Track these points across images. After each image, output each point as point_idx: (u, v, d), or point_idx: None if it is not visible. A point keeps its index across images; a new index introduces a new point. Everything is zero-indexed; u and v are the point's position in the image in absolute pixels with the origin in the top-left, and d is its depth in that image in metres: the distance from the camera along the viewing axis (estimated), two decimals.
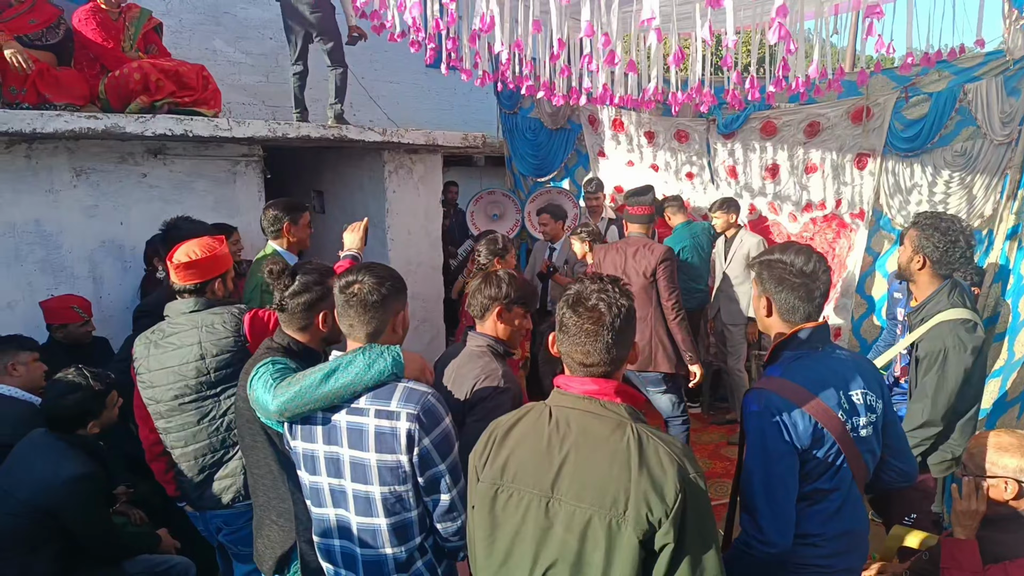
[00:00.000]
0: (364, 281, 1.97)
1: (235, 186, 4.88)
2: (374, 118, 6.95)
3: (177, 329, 2.66)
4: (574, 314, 1.60)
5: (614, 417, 1.57)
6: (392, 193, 5.60)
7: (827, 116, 5.41)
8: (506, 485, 1.62)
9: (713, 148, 6.08)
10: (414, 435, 1.84)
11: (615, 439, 1.53)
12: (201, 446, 2.66)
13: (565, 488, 1.54)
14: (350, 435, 1.89)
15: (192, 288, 2.71)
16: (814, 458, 1.93)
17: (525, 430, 1.65)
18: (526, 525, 1.58)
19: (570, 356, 1.62)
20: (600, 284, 1.63)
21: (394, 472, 1.87)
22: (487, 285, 2.56)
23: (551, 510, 1.55)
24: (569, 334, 1.60)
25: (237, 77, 6.94)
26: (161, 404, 2.65)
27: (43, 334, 3.80)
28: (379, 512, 1.90)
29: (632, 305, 1.63)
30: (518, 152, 7.15)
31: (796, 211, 5.80)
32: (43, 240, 4.19)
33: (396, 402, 1.86)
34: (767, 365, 2.12)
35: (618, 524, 1.47)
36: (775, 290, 2.06)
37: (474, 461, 1.72)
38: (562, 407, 1.63)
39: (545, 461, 1.57)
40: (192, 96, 4.45)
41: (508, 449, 1.64)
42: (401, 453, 1.85)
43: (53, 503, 2.62)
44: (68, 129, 3.88)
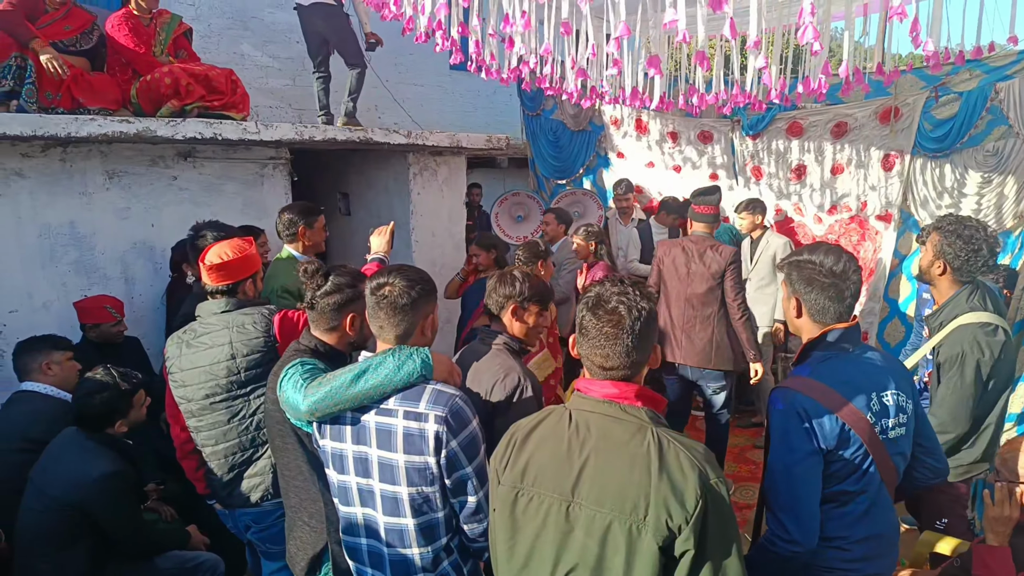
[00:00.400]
0: (395, 283, 1.99)
1: (263, 188, 4.95)
2: (399, 120, 6.99)
3: (208, 329, 2.70)
4: (594, 317, 1.59)
5: (634, 421, 1.56)
6: (416, 195, 5.64)
7: (855, 116, 5.34)
8: (526, 488, 1.61)
9: (738, 149, 6.03)
10: (442, 437, 1.85)
11: (635, 443, 1.53)
12: (231, 445, 2.69)
13: (585, 492, 1.53)
14: (379, 435, 1.91)
15: (224, 289, 2.75)
16: (840, 459, 1.91)
17: (545, 433, 1.65)
18: (546, 528, 1.58)
19: (590, 359, 1.61)
20: (620, 287, 1.62)
21: (422, 473, 1.88)
22: (502, 284, 2.57)
23: (571, 514, 1.54)
24: (589, 337, 1.59)
25: (264, 81, 7.02)
26: (192, 403, 2.69)
27: (77, 334, 3.88)
28: (407, 512, 1.91)
29: (653, 308, 1.62)
30: (541, 154, 7.15)
31: (822, 213, 5.73)
32: (77, 242, 4.28)
33: (424, 404, 1.87)
34: (795, 365, 2.11)
35: (638, 529, 1.47)
36: (804, 291, 2.04)
37: (495, 464, 1.72)
38: (582, 411, 1.62)
39: (565, 465, 1.57)
40: (221, 100, 4.51)
41: (528, 452, 1.64)
42: (429, 455, 1.86)
43: (84, 500, 2.68)
44: (101, 133, 3.96)
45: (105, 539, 2.77)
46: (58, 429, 2.92)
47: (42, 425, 3.05)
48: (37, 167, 4.12)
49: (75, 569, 2.71)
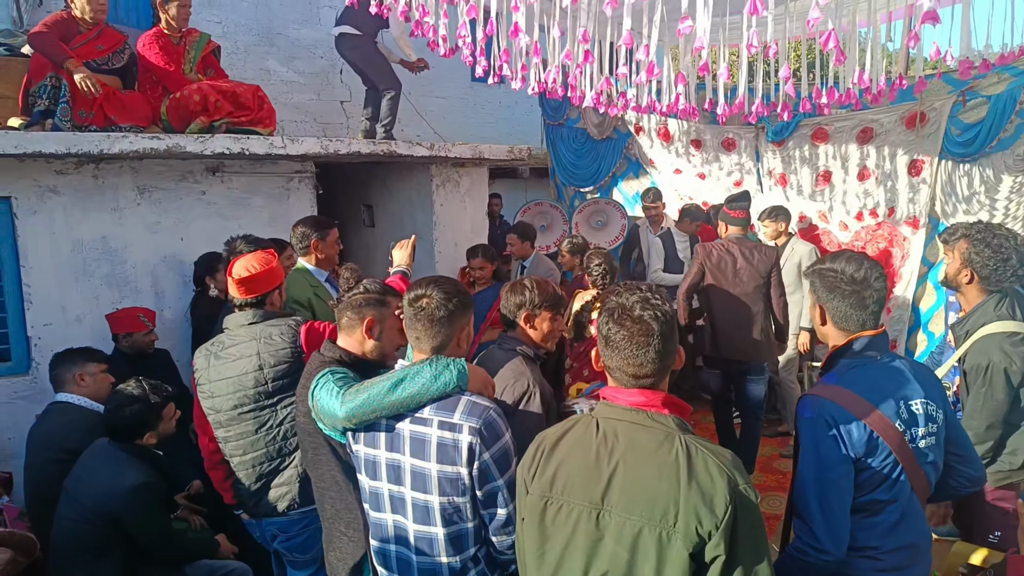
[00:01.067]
0: (432, 296, 2.03)
1: (289, 202, 5.02)
2: (421, 133, 7.05)
3: (236, 341, 2.75)
4: (621, 328, 1.60)
5: (662, 429, 1.57)
6: (439, 206, 5.68)
7: (880, 122, 5.30)
8: (555, 497, 1.62)
9: (762, 156, 6.00)
10: (475, 449, 1.86)
11: (663, 451, 1.53)
12: (258, 455, 2.73)
13: (615, 500, 1.54)
14: (412, 444, 1.93)
15: (252, 301, 2.80)
16: (869, 468, 1.89)
17: (573, 442, 1.66)
18: (576, 537, 1.58)
19: (620, 369, 1.62)
20: (640, 294, 1.64)
21: (454, 483, 1.89)
22: (513, 293, 2.61)
23: (601, 522, 1.55)
24: (618, 348, 1.60)
25: (290, 96, 7.13)
26: (221, 413, 2.73)
27: (109, 346, 3.96)
28: (437, 521, 1.93)
29: (674, 312, 1.64)
30: (563, 163, 7.17)
31: (848, 219, 5.67)
32: (109, 255, 4.38)
33: (459, 415, 1.89)
34: (823, 373, 2.09)
35: (668, 536, 1.47)
36: (827, 298, 2.04)
37: (522, 474, 1.73)
38: (609, 419, 1.63)
39: (594, 473, 1.58)
40: (248, 116, 4.60)
41: (556, 461, 1.65)
42: (462, 465, 1.87)
43: (116, 510, 2.73)
44: (133, 149, 4.06)
45: (137, 548, 2.82)
46: (92, 439, 2.98)
47: (77, 435, 3.11)
48: (71, 183, 4.22)
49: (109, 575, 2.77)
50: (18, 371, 4.16)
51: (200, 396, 2.81)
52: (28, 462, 3.25)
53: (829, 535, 1.84)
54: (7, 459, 3.96)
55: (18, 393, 4.11)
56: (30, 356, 4.17)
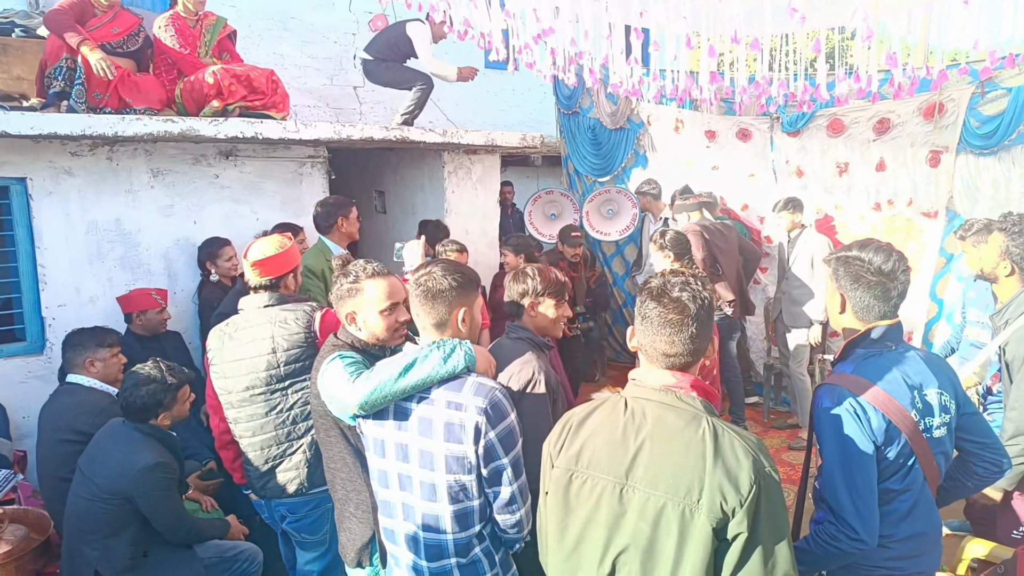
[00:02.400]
0: (433, 272, 2.06)
1: (301, 186, 5.03)
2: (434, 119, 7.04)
3: (251, 323, 2.76)
4: (659, 305, 1.62)
5: (690, 410, 1.59)
6: (451, 193, 5.67)
7: (898, 113, 5.23)
8: (580, 471, 1.65)
9: (777, 146, 5.95)
10: (481, 428, 1.89)
11: (690, 430, 1.55)
12: (267, 437, 2.75)
13: (640, 475, 1.56)
14: (420, 424, 1.95)
15: (267, 284, 2.82)
16: (885, 457, 1.89)
17: (601, 419, 1.68)
18: (599, 511, 1.60)
19: (653, 346, 1.64)
20: (682, 277, 1.66)
21: (460, 462, 1.92)
22: (515, 281, 2.62)
23: (625, 496, 1.57)
24: (653, 325, 1.62)
25: (303, 80, 7.13)
26: (233, 395, 2.76)
27: (122, 328, 3.99)
28: (443, 499, 1.95)
29: (712, 298, 1.66)
30: (577, 152, 7.13)
31: (865, 211, 5.62)
32: (123, 238, 4.40)
33: (466, 395, 1.92)
34: (837, 362, 2.08)
35: (691, 512, 1.49)
36: (850, 288, 2.02)
37: (548, 449, 1.76)
38: (638, 398, 1.65)
39: (620, 449, 1.60)
40: (262, 100, 4.59)
41: (583, 437, 1.68)
42: (468, 444, 1.90)
43: (128, 489, 2.76)
44: (147, 132, 4.07)
45: (149, 527, 2.85)
46: (103, 421, 3.02)
47: (87, 417, 3.15)
48: (85, 165, 4.25)
49: (120, 555, 2.80)
50: (33, 351, 4.20)
51: (213, 376, 2.83)
52: (40, 442, 3.30)
53: (862, 523, 1.85)
54: (22, 438, 4.01)
55: (33, 373, 4.15)
56: (45, 336, 4.21)
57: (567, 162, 7.29)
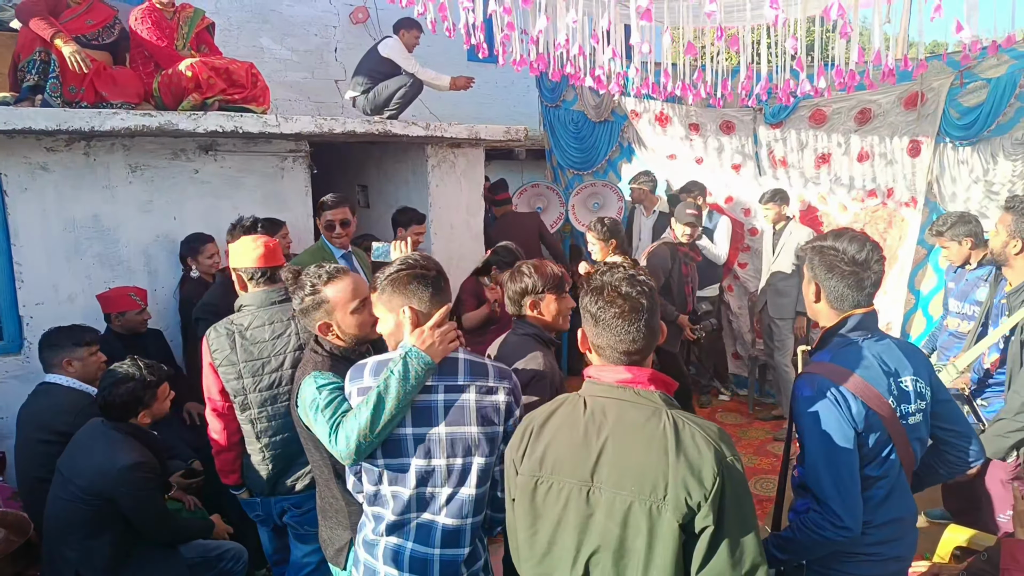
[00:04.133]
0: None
1: (283, 181, 4.97)
2: (417, 113, 6.98)
3: (270, 319, 2.71)
4: (611, 305, 1.60)
5: (649, 404, 1.59)
6: (435, 187, 5.64)
7: (879, 103, 5.26)
8: (545, 476, 1.64)
9: (761, 139, 5.97)
10: (511, 407, 2.00)
11: (651, 426, 1.55)
12: (289, 436, 2.68)
13: (605, 476, 1.55)
14: (452, 413, 1.97)
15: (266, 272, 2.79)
16: (865, 444, 1.91)
17: (561, 421, 1.67)
18: (567, 514, 1.60)
19: (611, 347, 1.62)
20: (623, 271, 1.65)
21: (492, 442, 1.99)
22: (513, 281, 2.60)
23: (592, 498, 1.57)
24: (608, 326, 1.60)
25: (284, 74, 7.04)
26: (252, 395, 2.68)
27: (102, 326, 3.94)
28: (472, 482, 1.99)
29: (655, 287, 1.66)
30: (560, 145, 7.11)
31: (847, 201, 5.65)
32: (101, 235, 4.33)
33: (493, 379, 2.01)
34: (815, 351, 2.09)
35: (658, 509, 1.49)
36: (824, 277, 2.03)
37: (511, 455, 1.75)
38: (596, 397, 1.64)
39: (583, 450, 1.59)
40: (242, 93, 4.54)
41: (545, 441, 1.67)
42: (500, 424, 1.99)
43: (109, 489, 2.72)
44: (124, 127, 4.00)
45: (130, 528, 2.81)
46: (82, 421, 2.97)
47: (66, 416, 3.10)
48: (62, 161, 4.17)
49: (101, 556, 2.76)
50: (10, 351, 4.13)
51: (224, 377, 2.72)
52: (18, 443, 3.24)
53: (846, 509, 1.86)
54: (0, 439, 3.94)
55: (10, 373, 4.08)
56: (22, 336, 4.14)
57: (550, 155, 7.28)
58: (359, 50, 6.02)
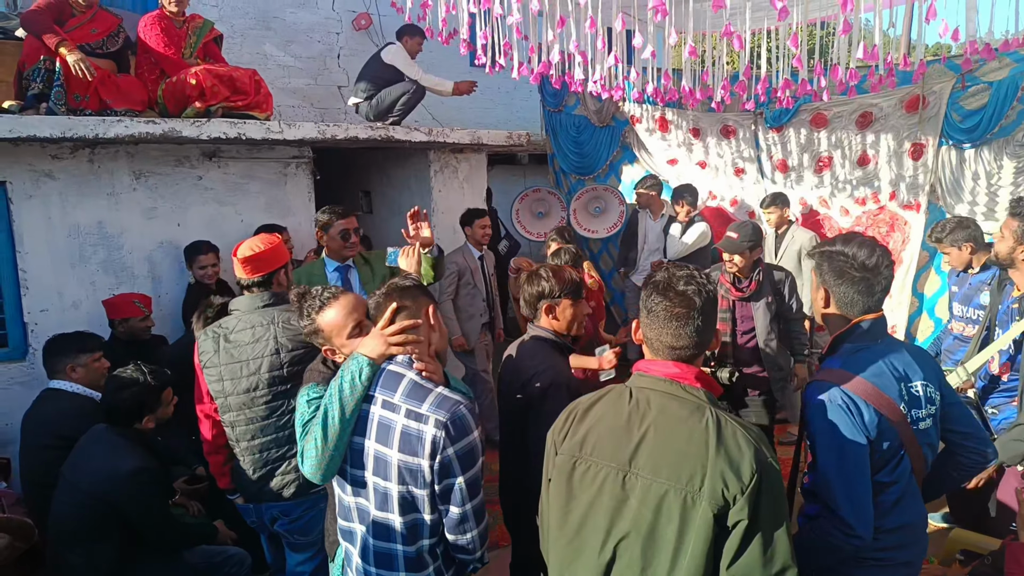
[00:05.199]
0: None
1: (286, 187, 4.99)
2: (419, 118, 7.01)
3: (249, 323, 2.72)
4: (664, 299, 1.64)
5: (693, 400, 1.61)
6: (438, 192, 5.65)
7: (880, 106, 5.26)
8: (584, 457, 1.67)
9: (762, 142, 5.97)
10: (439, 442, 1.83)
11: (694, 420, 1.57)
12: (267, 440, 2.71)
13: (643, 463, 1.58)
14: (379, 429, 1.91)
15: (259, 281, 2.78)
16: (878, 450, 1.89)
17: (605, 408, 1.71)
18: (601, 497, 1.62)
19: (659, 340, 1.66)
20: (687, 271, 1.68)
21: (413, 474, 1.86)
22: (530, 284, 2.61)
23: (627, 483, 1.59)
24: (659, 319, 1.65)
25: (287, 80, 7.07)
26: (231, 397, 2.70)
27: (106, 332, 3.94)
28: (395, 509, 1.90)
29: (716, 292, 1.69)
30: (562, 150, 7.13)
31: (849, 204, 5.65)
32: (105, 241, 4.35)
33: (428, 406, 1.86)
34: (825, 357, 2.08)
35: (693, 499, 1.51)
36: (834, 283, 2.02)
37: (553, 436, 1.79)
38: (642, 388, 1.67)
39: (624, 436, 1.62)
40: (245, 100, 4.56)
41: (587, 425, 1.70)
42: (423, 457, 1.84)
43: (113, 494, 2.71)
44: (128, 134, 4.02)
45: (135, 533, 2.81)
46: (86, 426, 2.96)
47: (70, 422, 3.10)
48: (67, 168, 4.19)
49: (106, 561, 2.76)
50: (15, 357, 4.15)
51: (207, 379, 2.76)
52: (23, 448, 3.25)
53: (857, 517, 1.85)
54: (4, 445, 3.95)
55: (15, 379, 4.10)
56: (27, 342, 4.16)
57: (552, 160, 7.30)
58: (362, 56, 6.05)
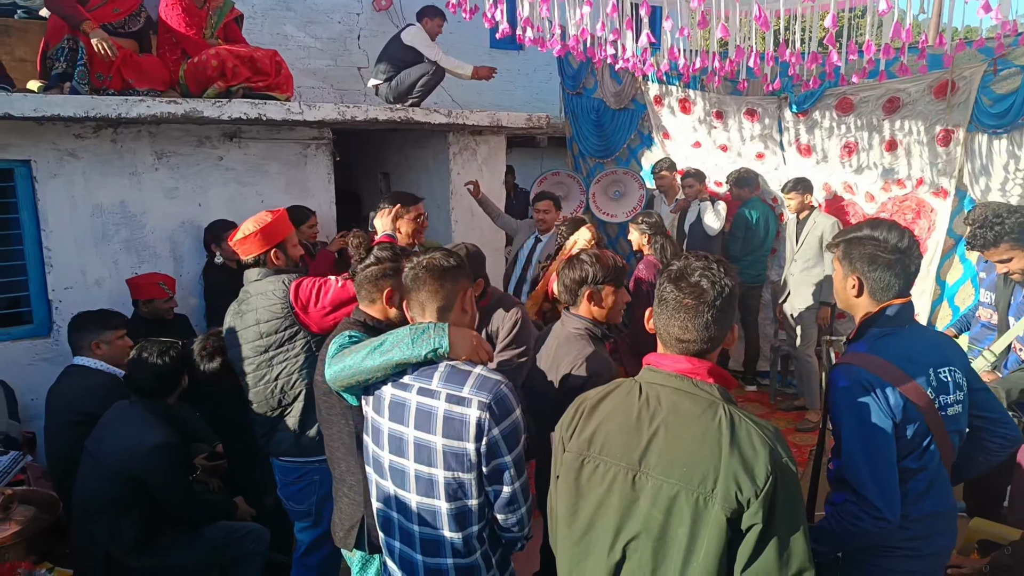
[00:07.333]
0: (434, 255, 2.01)
1: (306, 168, 5.00)
2: (439, 100, 6.98)
3: (246, 297, 2.89)
4: (676, 289, 1.58)
5: (706, 397, 1.56)
6: (456, 175, 5.64)
7: (908, 91, 5.15)
8: (593, 456, 1.62)
9: (785, 127, 5.88)
10: (484, 424, 1.82)
11: (706, 418, 1.52)
12: (262, 403, 2.86)
13: (653, 462, 1.54)
14: (418, 416, 1.89)
15: (254, 261, 2.91)
16: (903, 436, 1.88)
17: (614, 404, 1.66)
18: (611, 496, 1.58)
19: (667, 331, 1.61)
20: (705, 261, 1.61)
21: (459, 459, 1.85)
22: (571, 269, 2.52)
23: (637, 483, 1.55)
24: (668, 308, 1.59)
25: (307, 61, 7.07)
26: (239, 362, 2.90)
27: (129, 310, 4.00)
28: (440, 495, 1.89)
29: (735, 286, 1.60)
30: (581, 133, 7.08)
31: (874, 190, 5.56)
32: (128, 220, 4.39)
33: (469, 388, 1.85)
34: (851, 342, 2.06)
35: (705, 501, 1.47)
36: (867, 269, 1.99)
37: (560, 432, 1.73)
38: (653, 384, 1.62)
39: (634, 435, 1.57)
40: (266, 81, 4.56)
41: (596, 421, 1.65)
42: (469, 441, 1.83)
43: (137, 469, 2.77)
44: (150, 114, 4.04)
45: (158, 507, 2.86)
46: (110, 402, 3.02)
47: (95, 399, 3.15)
48: (90, 148, 4.22)
49: (130, 534, 2.82)
50: (40, 334, 4.21)
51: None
52: (48, 423, 3.31)
53: (884, 501, 1.83)
54: (30, 420, 4.02)
55: (40, 355, 4.17)
56: (51, 319, 4.22)
57: (571, 143, 7.24)
58: (382, 37, 6.04)
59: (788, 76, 4.84)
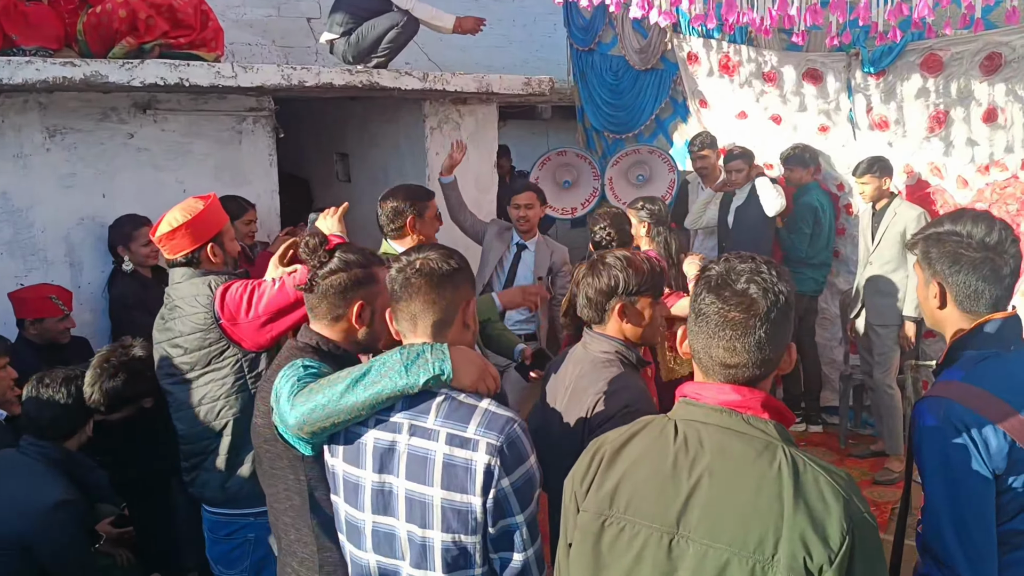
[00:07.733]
0: (429, 256, 2.00)
1: (240, 148, 5.02)
2: (412, 60, 7.02)
3: (170, 303, 2.91)
4: (718, 299, 1.57)
5: (761, 437, 1.55)
6: (435, 155, 5.67)
7: (1012, 45, 5.20)
8: (616, 516, 1.61)
9: (856, 91, 5.92)
10: (493, 472, 1.81)
11: (762, 464, 1.51)
12: (182, 432, 2.90)
13: (695, 523, 1.52)
14: (410, 462, 1.88)
15: (184, 260, 2.91)
16: (1010, 489, 1.88)
17: (643, 449, 1.64)
18: (641, 568, 1.56)
19: (708, 354, 1.59)
20: (752, 263, 1.60)
21: (462, 516, 1.84)
22: (595, 277, 2.49)
23: (675, 550, 1.54)
24: (709, 325, 1.57)
25: (242, 11, 7.09)
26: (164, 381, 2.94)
27: (12, 332, 3.99)
28: (436, 565, 1.87)
29: (791, 294, 1.59)
30: (594, 101, 7.10)
31: (969, 173, 5.59)
32: (10, 216, 4.40)
33: (474, 427, 1.84)
34: (942, 368, 2.07)
35: (763, 570, 1.45)
36: (950, 272, 2.00)
37: (573, 487, 1.72)
38: (692, 421, 1.61)
39: (670, 488, 1.56)
40: (188, 36, 4.59)
41: (620, 471, 1.64)
42: (475, 494, 1.82)
43: (28, 534, 2.75)
44: (40, 79, 4.05)
45: None
46: None
47: None
48: None
49: None
50: None
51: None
52: None
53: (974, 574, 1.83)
54: None
55: None
56: None
57: (582, 114, 7.27)
58: None
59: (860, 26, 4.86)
